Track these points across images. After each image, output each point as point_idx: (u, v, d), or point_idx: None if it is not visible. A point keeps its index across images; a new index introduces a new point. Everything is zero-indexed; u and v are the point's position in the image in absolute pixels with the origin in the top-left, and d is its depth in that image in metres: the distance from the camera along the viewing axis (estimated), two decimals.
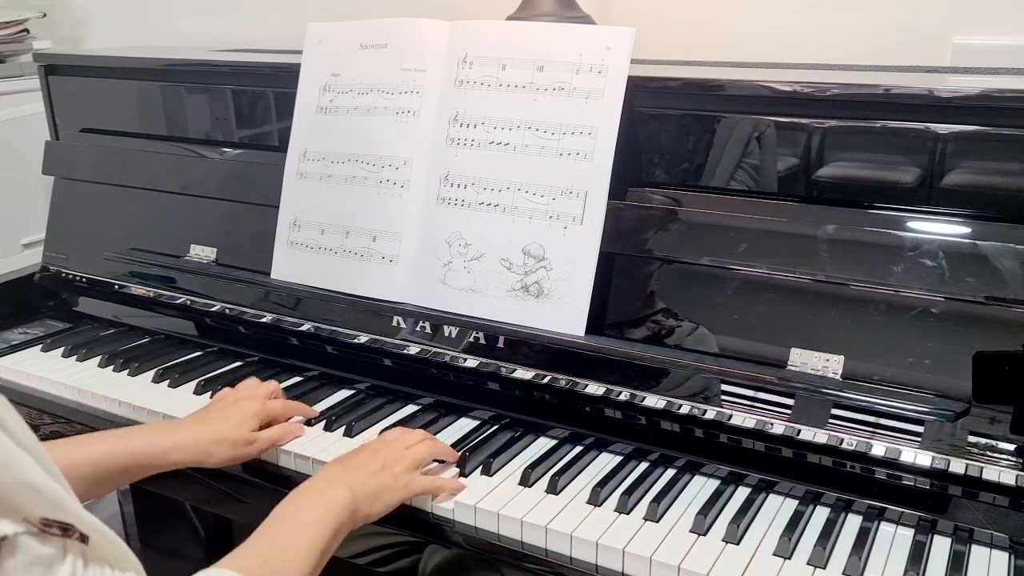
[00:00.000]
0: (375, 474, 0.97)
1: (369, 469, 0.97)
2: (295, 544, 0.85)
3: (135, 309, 1.47)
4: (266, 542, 0.85)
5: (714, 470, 1.04)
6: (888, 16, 1.37)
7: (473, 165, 1.15)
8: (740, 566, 0.89)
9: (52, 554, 0.61)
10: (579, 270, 1.08)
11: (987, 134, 0.95)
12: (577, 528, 0.94)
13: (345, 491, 0.92)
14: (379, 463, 0.98)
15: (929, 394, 0.93)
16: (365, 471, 0.97)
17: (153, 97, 1.50)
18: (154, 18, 2.02)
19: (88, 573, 0.63)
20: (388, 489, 0.96)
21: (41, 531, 0.60)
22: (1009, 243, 0.91)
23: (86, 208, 1.54)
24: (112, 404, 1.25)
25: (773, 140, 1.05)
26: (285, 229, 1.30)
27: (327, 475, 0.96)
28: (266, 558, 0.83)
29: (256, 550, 0.84)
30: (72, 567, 0.62)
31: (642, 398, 1.06)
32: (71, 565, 0.62)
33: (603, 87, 1.07)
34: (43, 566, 0.60)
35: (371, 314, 1.22)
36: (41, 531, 0.60)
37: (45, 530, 0.60)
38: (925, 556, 0.90)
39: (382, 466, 0.98)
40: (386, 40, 1.23)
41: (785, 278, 1.01)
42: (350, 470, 0.97)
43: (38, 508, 0.60)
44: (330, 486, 0.93)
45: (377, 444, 1.03)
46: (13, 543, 0.58)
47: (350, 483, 0.94)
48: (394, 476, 0.98)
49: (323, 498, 0.91)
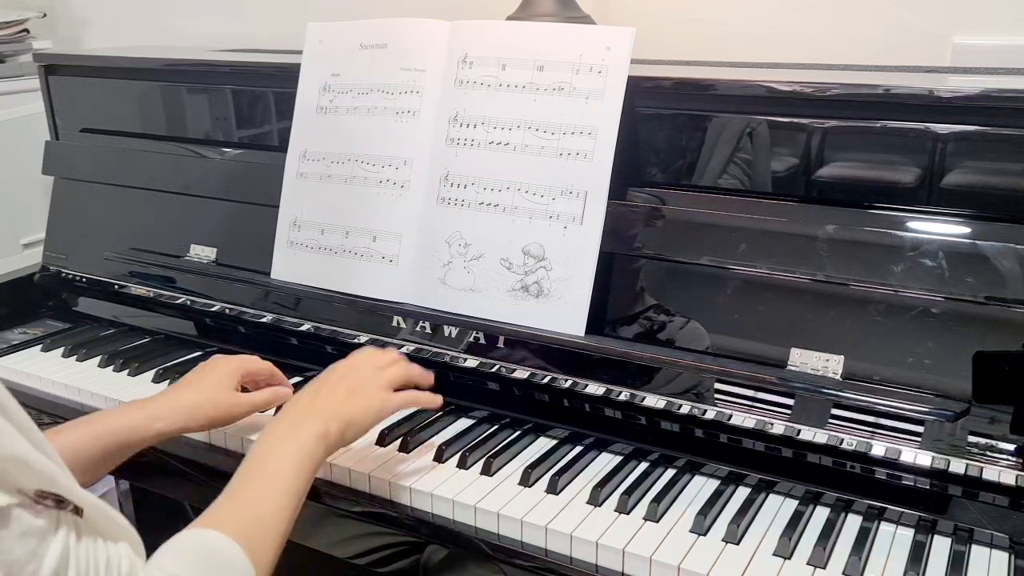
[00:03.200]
0: (346, 400, 0.96)
1: (338, 396, 0.96)
2: (271, 491, 0.85)
3: (135, 309, 1.47)
4: (242, 493, 0.85)
5: (714, 470, 1.04)
6: (888, 16, 1.37)
7: (473, 165, 1.15)
8: (740, 566, 0.89)
9: (45, 526, 0.61)
10: (579, 270, 1.08)
11: (987, 134, 0.94)
12: (577, 528, 0.94)
13: (316, 424, 0.91)
14: (349, 388, 0.97)
15: (929, 394, 0.93)
16: (334, 398, 0.96)
17: (153, 97, 1.50)
18: (154, 18, 2.02)
19: (81, 545, 0.63)
20: (362, 411, 0.96)
21: (35, 503, 0.60)
22: (1009, 243, 0.91)
23: (86, 208, 1.54)
24: (112, 404, 1.25)
25: (773, 140, 1.05)
26: (285, 229, 1.30)
27: (296, 409, 0.95)
28: (245, 511, 0.83)
29: (233, 503, 0.83)
30: (65, 539, 0.62)
31: (642, 398, 1.06)
32: (64, 537, 0.62)
33: (603, 87, 1.07)
34: (36, 537, 0.60)
35: (371, 314, 1.22)
36: (35, 503, 0.60)
37: (40, 502, 0.60)
38: (925, 556, 0.90)
39: (352, 390, 0.97)
40: (386, 40, 1.23)
41: (785, 278, 1.01)
42: (320, 399, 0.95)
43: (31, 482, 0.60)
44: (300, 422, 0.92)
45: (346, 368, 1.01)
46: (7, 514, 0.59)
47: (322, 415, 0.93)
48: (368, 397, 0.97)
49: (294, 436, 0.90)
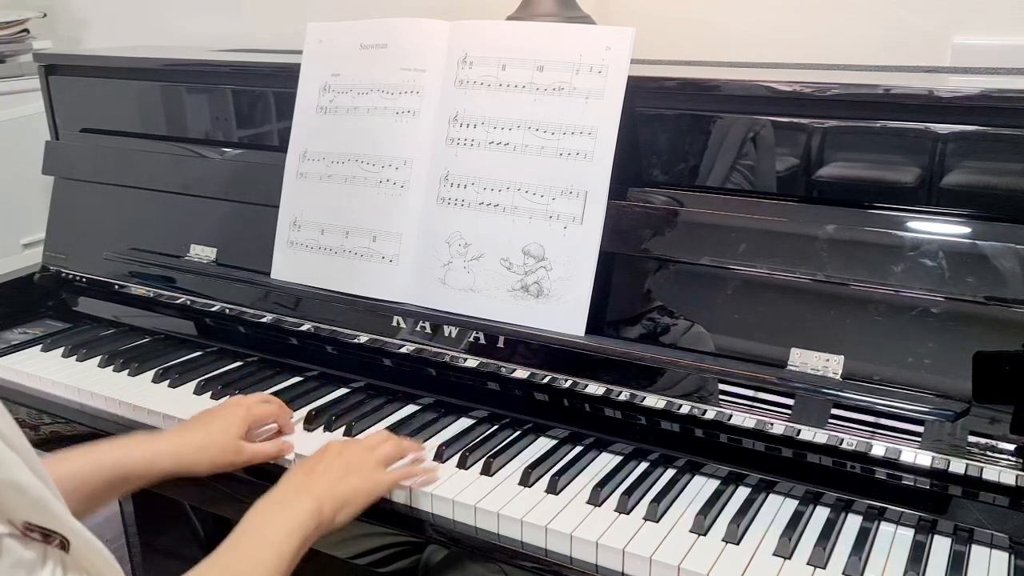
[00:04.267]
0: (341, 478, 0.96)
1: (334, 474, 0.97)
2: (259, 558, 0.86)
3: (135, 309, 1.47)
4: (230, 557, 0.86)
5: (714, 470, 1.04)
6: (888, 16, 1.37)
7: (473, 165, 1.15)
8: (740, 566, 0.89)
9: (34, 558, 0.61)
10: (579, 270, 1.08)
11: (987, 134, 0.94)
12: (577, 528, 0.94)
13: (309, 501, 0.92)
14: (343, 466, 0.98)
15: (929, 394, 0.93)
16: (330, 476, 0.96)
17: (153, 97, 1.50)
18: (154, 18, 2.02)
19: None
20: (355, 493, 0.96)
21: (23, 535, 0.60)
22: (1009, 243, 0.91)
23: (86, 208, 1.54)
24: (112, 404, 1.25)
25: (773, 140, 1.05)
26: (285, 229, 1.30)
27: (290, 484, 0.95)
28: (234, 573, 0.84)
29: (225, 563, 0.85)
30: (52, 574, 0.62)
31: (642, 398, 1.06)
32: (51, 571, 0.62)
33: (603, 87, 1.07)
34: (25, 569, 0.60)
35: (371, 314, 1.22)
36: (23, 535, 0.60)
37: (27, 534, 0.60)
38: (925, 556, 0.90)
39: (347, 469, 0.97)
40: (386, 40, 1.23)
41: (785, 278, 1.01)
42: (315, 476, 0.96)
43: (22, 511, 0.60)
44: (294, 497, 0.93)
45: (341, 446, 1.02)
46: None
47: (315, 492, 0.93)
48: (361, 477, 0.97)
49: (287, 511, 0.91)
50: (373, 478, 0.98)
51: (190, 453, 1.04)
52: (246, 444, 1.08)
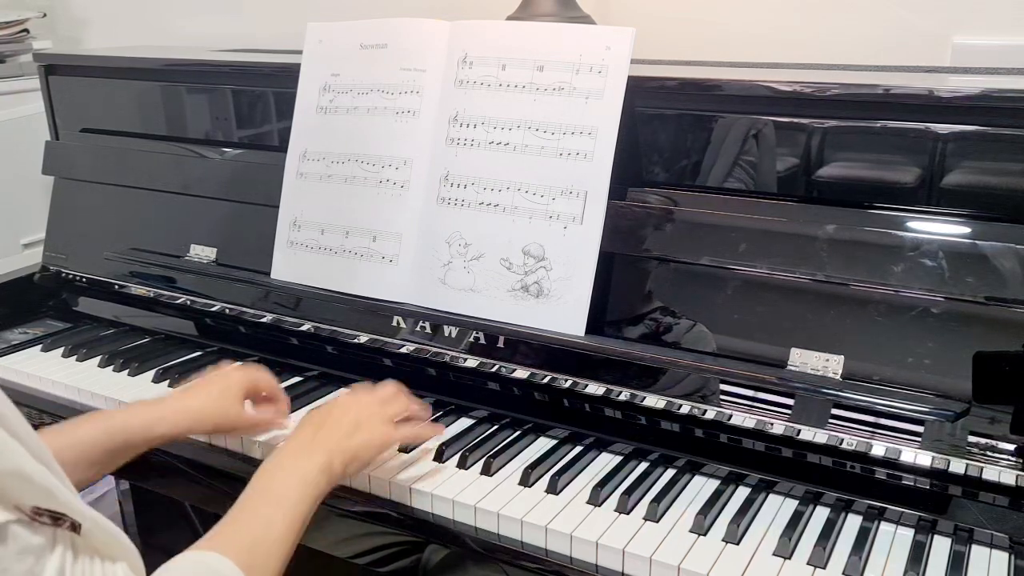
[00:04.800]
0: (350, 434, 0.96)
1: (344, 429, 0.97)
2: (274, 518, 0.85)
3: (135, 309, 1.47)
4: (245, 518, 0.86)
5: (714, 470, 1.04)
6: (888, 16, 1.37)
7: (473, 165, 1.15)
8: (740, 566, 0.89)
9: (42, 543, 0.61)
10: (579, 270, 1.08)
11: (987, 134, 0.94)
12: (577, 528, 0.94)
13: (321, 456, 0.92)
14: (353, 421, 0.98)
15: (929, 394, 0.93)
16: (340, 431, 0.96)
17: (153, 97, 1.50)
18: (154, 18, 2.02)
19: (77, 565, 0.63)
20: (365, 447, 0.97)
21: (32, 520, 0.60)
22: (1009, 243, 0.91)
23: (86, 208, 1.54)
24: (112, 404, 1.25)
25: (773, 140, 1.05)
26: (285, 229, 1.30)
27: (300, 440, 0.95)
28: (248, 536, 0.83)
29: (236, 528, 0.84)
30: (61, 558, 0.62)
31: (642, 398, 1.06)
32: (60, 555, 0.62)
33: (603, 87, 1.07)
34: (33, 555, 0.60)
35: (371, 314, 1.22)
36: (32, 520, 0.60)
37: (35, 519, 0.60)
38: (925, 556, 0.90)
39: (356, 424, 0.98)
40: (386, 40, 1.23)
41: (785, 278, 1.01)
42: (325, 432, 0.96)
43: (29, 497, 0.60)
44: (304, 453, 0.93)
45: (350, 401, 1.02)
46: (4, 531, 0.59)
47: (326, 447, 0.93)
48: (371, 432, 0.98)
49: (298, 467, 0.91)
50: (382, 431, 0.99)
51: (190, 416, 1.05)
52: (247, 408, 1.09)
